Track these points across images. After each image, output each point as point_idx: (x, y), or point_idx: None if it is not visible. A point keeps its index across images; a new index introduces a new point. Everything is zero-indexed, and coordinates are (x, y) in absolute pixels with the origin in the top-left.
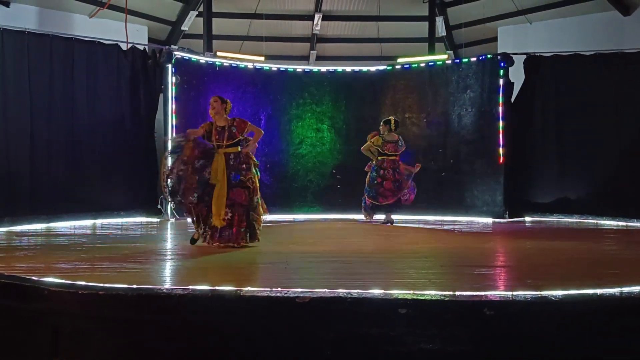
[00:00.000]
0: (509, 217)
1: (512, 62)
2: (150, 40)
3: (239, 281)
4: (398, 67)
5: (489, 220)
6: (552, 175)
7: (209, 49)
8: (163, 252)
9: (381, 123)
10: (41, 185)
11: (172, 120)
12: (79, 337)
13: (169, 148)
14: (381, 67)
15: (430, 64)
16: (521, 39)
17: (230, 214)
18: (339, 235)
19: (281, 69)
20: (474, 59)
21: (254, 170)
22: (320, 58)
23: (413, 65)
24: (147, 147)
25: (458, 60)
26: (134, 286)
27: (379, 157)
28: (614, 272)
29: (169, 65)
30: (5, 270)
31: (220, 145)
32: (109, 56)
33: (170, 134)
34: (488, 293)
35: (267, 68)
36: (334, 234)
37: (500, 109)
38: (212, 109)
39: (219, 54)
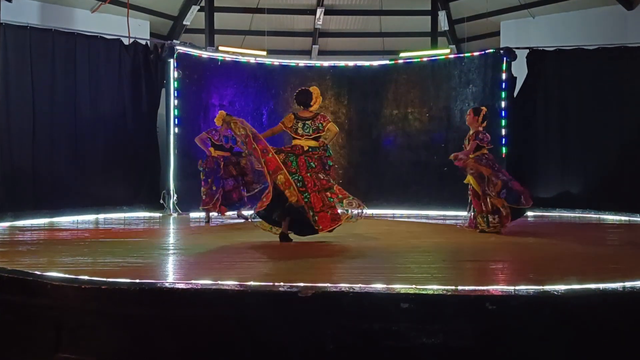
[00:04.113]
0: None
1: (514, 57)
2: (152, 35)
3: (241, 276)
4: (400, 61)
5: None
6: (555, 170)
7: (210, 43)
8: (165, 246)
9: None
10: (44, 180)
11: (174, 115)
12: (82, 332)
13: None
14: (383, 62)
15: (432, 58)
16: (524, 33)
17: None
18: (340, 230)
19: (283, 64)
20: (476, 54)
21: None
22: (322, 53)
23: (415, 60)
24: (149, 142)
25: (460, 55)
26: (137, 281)
27: None
28: (616, 266)
29: (171, 60)
30: (8, 264)
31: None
32: (111, 51)
33: (172, 128)
34: (490, 287)
35: (269, 63)
36: (335, 229)
37: (503, 103)
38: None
39: (220, 48)
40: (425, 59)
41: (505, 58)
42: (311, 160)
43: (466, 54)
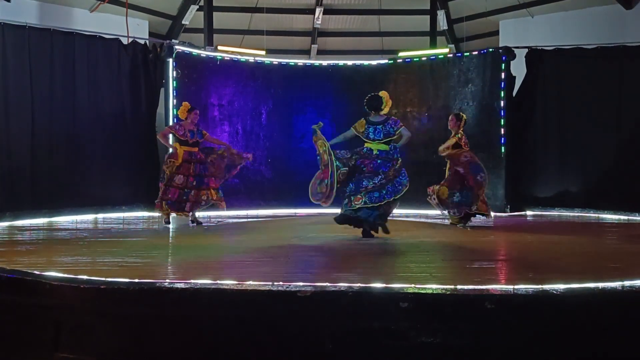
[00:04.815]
0: (510, 211)
1: (513, 56)
2: (151, 34)
3: (240, 275)
4: (399, 61)
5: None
6: (554, 169)
7: (209, 43)
8: (164, 246)
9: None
10: (42, 180)
11: (172, 115)
12: (81, 331)
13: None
14: (382, 61)
15: (431, 57)
16: (523, 33)
17: None
18: (340, 229)
19: (282, 63)
20: (475, 53)
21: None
22: (321, 52)
23: (414, 59)
24: (148, 142)
25: (459, 54)
26: (136, 280)
27: None
28: (615, 265)
29: (170, 60)
30: (7, 264)
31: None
32: (109, 51)
33: None
34: (489, 287)
35: (268, 62)
36: (335, 228)
37: (502, 103)
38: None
39: (219, 48)
40: (424, 59)
41: (504, 57)
42: (379, 166)
43: (465, 54)
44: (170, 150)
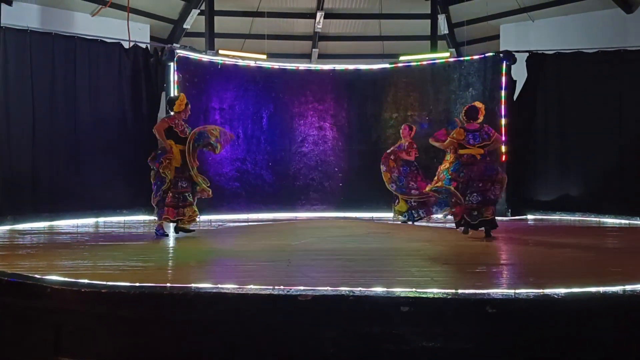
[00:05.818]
0: (511, 215)
1: (514, 60)
2: (152, 38)
3: (241, 279)
4: (400, 65)
5: None
6: (555, 173)
7: (211, 47)
8: (165, 250)
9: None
10: (43, 183)
11: None
12: (82, 335)
13: None
14: (383, 65)
15: (432, 62)
16: (523, 37)
17: None
18: (341, 233)
19: (283, 67)
20: (476, 57)
21: None
22: (322, 56)
23: (415, 63)
24: (149, 145)
25: (460, 58)
26: (137, 284)
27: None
28: (616, 270)
29: (171, 64)
30: (8, 268)
31: None
32: (111, 55)
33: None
34: (490, 291)
35: (269, 66)
36: (336, 232)
37: (503, 106)
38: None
39: (221, 52)
40: (425, 63)
41: (504, 61)
42: (482, 169)
43: (466, 58)
44: (158, 149)
